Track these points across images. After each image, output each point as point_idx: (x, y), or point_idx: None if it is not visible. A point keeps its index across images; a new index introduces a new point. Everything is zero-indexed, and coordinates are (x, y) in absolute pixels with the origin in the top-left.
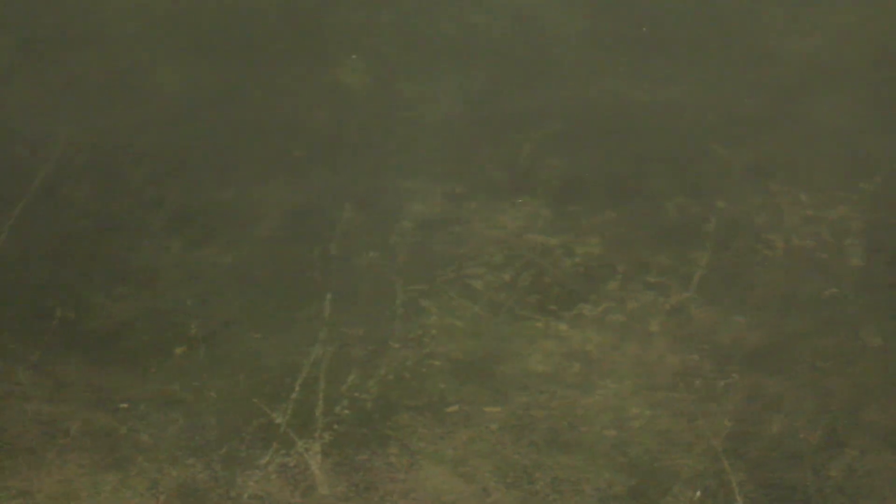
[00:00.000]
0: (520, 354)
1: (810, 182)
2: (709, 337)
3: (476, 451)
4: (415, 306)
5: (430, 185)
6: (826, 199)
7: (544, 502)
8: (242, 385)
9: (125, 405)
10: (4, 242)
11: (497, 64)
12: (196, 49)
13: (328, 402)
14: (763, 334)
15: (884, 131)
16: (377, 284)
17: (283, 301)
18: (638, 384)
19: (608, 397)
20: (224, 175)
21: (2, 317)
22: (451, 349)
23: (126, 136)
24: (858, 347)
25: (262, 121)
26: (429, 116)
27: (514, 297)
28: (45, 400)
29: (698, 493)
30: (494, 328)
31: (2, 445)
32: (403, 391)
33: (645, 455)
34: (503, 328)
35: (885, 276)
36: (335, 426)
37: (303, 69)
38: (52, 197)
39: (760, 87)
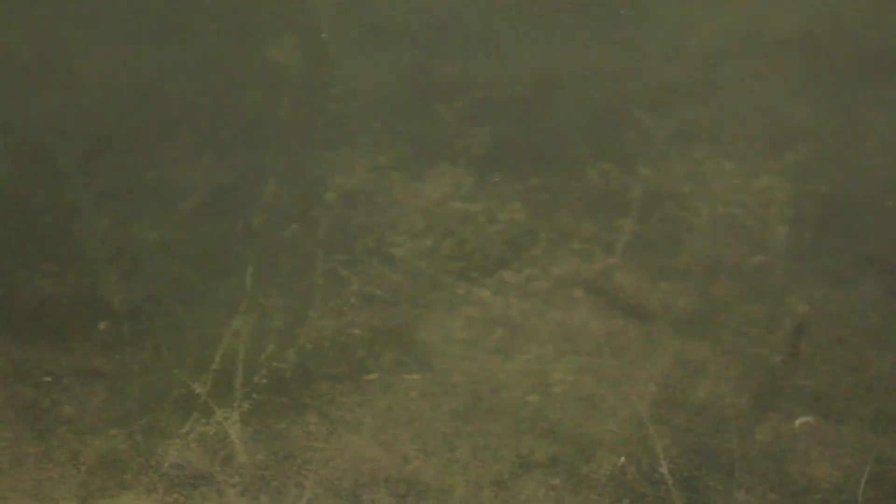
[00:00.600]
0: (441, 321)
1: (735, 150)
2: (634, 302)
3: (395, 418)
4: (335, 276)
5: (353, 156)
6: (751, 168)
7: (465, 470)
8: (164, 357)
9: (48, 378)
10: None
11: (426, 36)
12: (124, 28)
13: (248, 372)
14: (689, 300)
15: (808, 100)
16: (298, 256)
17: (205, 275)
18: (561, 349)
19: (531, 363)
20: (151, 155)
21: None
22: (371, 317)
23: (53, 116)
24: (784, 314)
25: (190, 101)
26: (357, 91)
27: (436, 264)
28: None
29: (622, 459)
30: (415, 296)
31: None
32: (322, 360)
33: (567, 421)
34: (424, 295)
35: (809, 243)
36: (254, 395)
37: (233, 47)
38: None
39: (684, 55)
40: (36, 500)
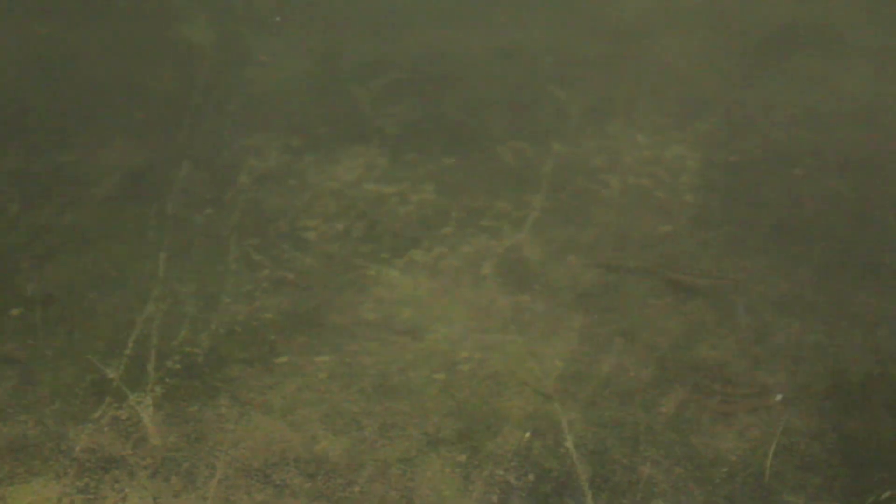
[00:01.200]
0: (351, 303)
1: (647, 123)
2: (541, 278)
3: (305, 399)
4: (247, 261)
5: (267, 139)
6: (662, 140)
7: (372, 448)
8: (77, 343)
9: None
10: None
11: (341, 17)
12: (35, 6)
13: (160, 357)
14: (596, 273)
15: (718, 73)
16: (211, 241)
17: (119, 261)
18: (469, 327)
19: (438, 342)
20: (64, 137)
21: None
22: (283, 301)
23: None
24: (692, 284)
25: (104, 82)
26: (273, 73)
27: (347, 247)
28: None
29: (528, 434)
30: (326, 279)
31: None
32: (234, 344)
33: (474, 398)
34: (335, 278)
35: (718, 212)
36: (167, 380)
37: (146, 26)
38: None
39: (598, 31)
40: None
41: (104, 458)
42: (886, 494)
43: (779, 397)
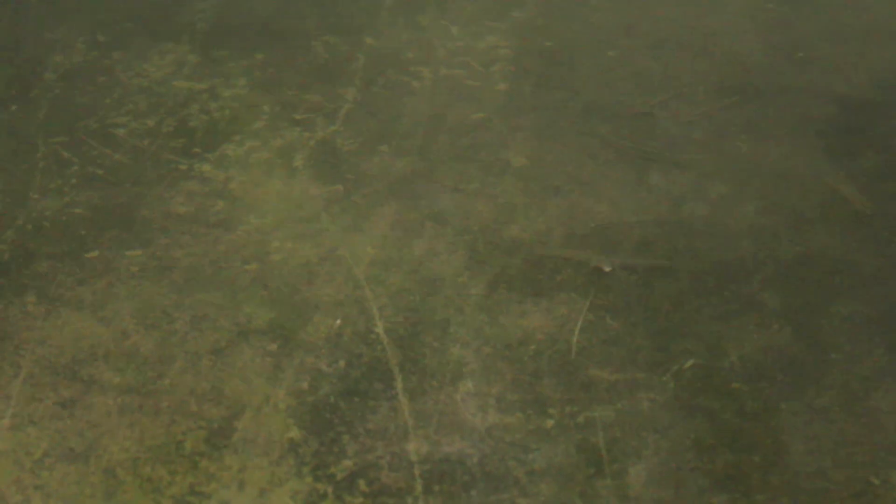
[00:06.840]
0: (162, 198)
1: (461, 14)
2: (354, 168)
3: (115, 294)
4: (56, 158)
5: (73, 34)
6: (476, 30)
7: (183, 341)
8: None
9: None
10: None
11: None
12: None
13: None
14: (408, 161)
15: None
16: (18, 139)
17: None
18: (280, 218)
19: (250, 233)
20: None
21: None
22: (93, 197)
23: None
24: (502, 168)
25: None
26: None
27: (158, 142)
28: None
29: (338, 321)
30: (137, 174)
31: None
32: (43, 240)
33: (285, 287)
34: (146, 173)
35: (529, 98)
36: None
37: None
38: None
39: None
40: None
41: None
42: (690, 363)
43: (608, 268)
